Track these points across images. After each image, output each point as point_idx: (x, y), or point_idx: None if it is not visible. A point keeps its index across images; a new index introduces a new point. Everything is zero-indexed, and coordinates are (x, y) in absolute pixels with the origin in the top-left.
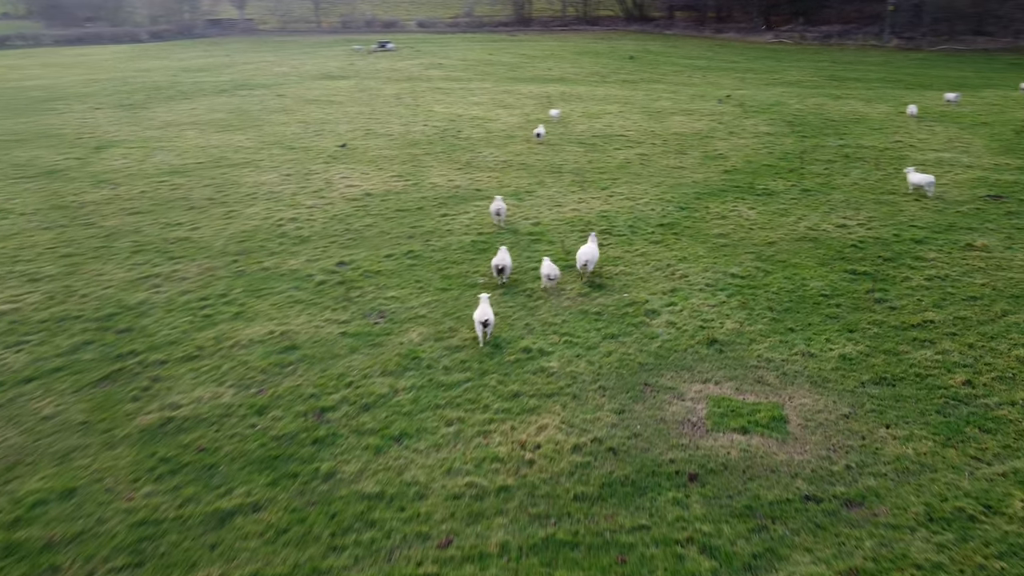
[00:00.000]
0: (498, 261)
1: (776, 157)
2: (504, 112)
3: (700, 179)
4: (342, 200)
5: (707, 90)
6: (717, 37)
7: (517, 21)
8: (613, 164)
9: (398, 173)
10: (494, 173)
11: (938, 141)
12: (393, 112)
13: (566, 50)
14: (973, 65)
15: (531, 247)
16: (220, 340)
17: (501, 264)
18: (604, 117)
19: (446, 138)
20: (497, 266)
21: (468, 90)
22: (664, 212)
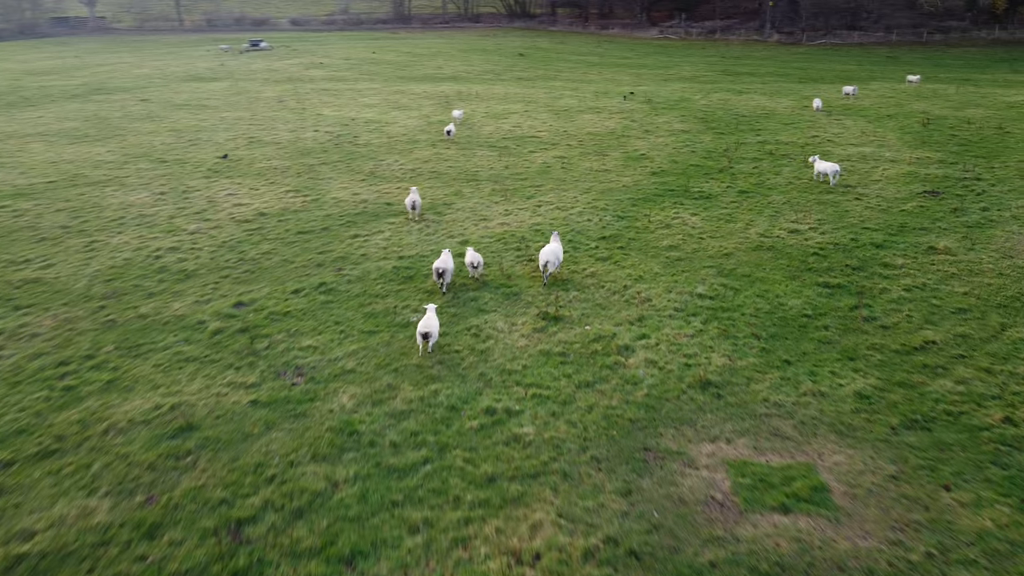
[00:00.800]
0: (439, 264)
1: (701, 156)
2: (401, 114)
3: (629, 183)
4: (231, 223)
5: (606, 87)
6: (602, 33)
7: (396, 18)
8: (532, 169)
9: (294, 187)
10: (403, 183)
11: (852, 135)
12: (277, 117)
13: (453, 47)
14: (853, 59)
15: (463, 270)
16: (88, 423)
17: (442, 267)
18: (510, 117)
19: (342, 145)
20: (438, 269)
21: (357, 91)
22: (602, 222)
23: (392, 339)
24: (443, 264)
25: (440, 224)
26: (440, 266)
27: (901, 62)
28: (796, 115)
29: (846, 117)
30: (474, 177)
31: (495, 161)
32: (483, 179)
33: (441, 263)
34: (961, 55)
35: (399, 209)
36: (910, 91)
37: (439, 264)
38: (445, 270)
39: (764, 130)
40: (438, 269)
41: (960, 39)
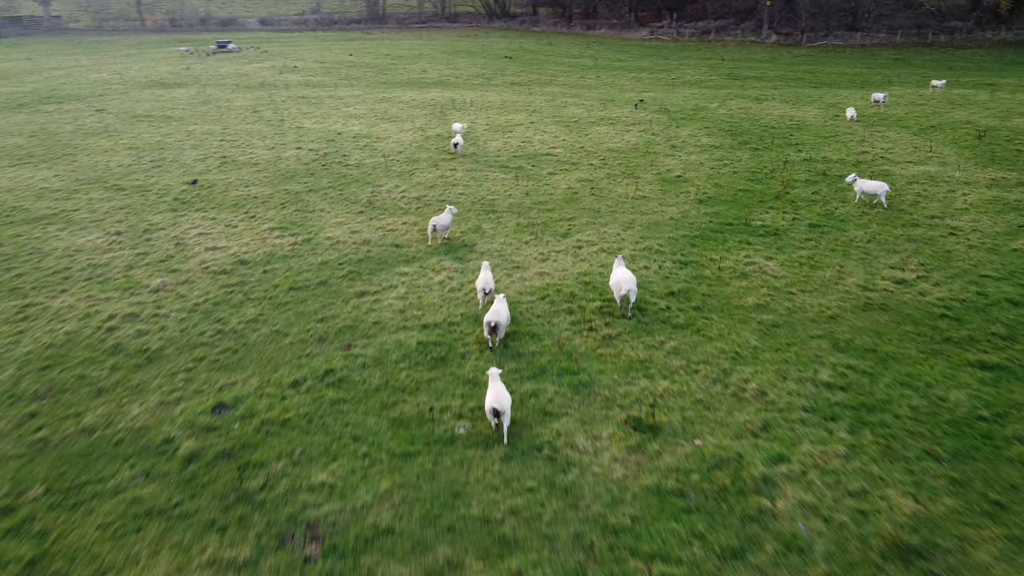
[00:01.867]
0: (490, 318)
1: (746, 179)
2: (392, 127)
3: (677, 214)
4: (205, 275)
5: (610, 92)
6: (589, 34)
7: (371, 18)
8: (557, 196)
9: (279, 223)
10: (410, 217)
11: (903, 150)
12: (253, 130)
13: (434, 49)
14: (859, 61)
15: (511, 346)
16: None
17: (494, 321)
18: (515, 130)
19: (331, 166)
20: (490, 323)
21: (339, 99)
22: (663, 271)
23: (436, 466)
24: (495, 316)
25: (464, 273)
26: (492, 319)
27: (910, 64)
28: (830, 126)
29: (887, 128)
30: (492, 207)
31: (512, 186)
32: (502, 209)
33: (494, 315)
34: (971, 57)
35: (411, 253)
36: (940, 97)
37: (491, 317)
38: (498, 324)
39: (803, 145)
40: (490, 323)
41: (965, 40)
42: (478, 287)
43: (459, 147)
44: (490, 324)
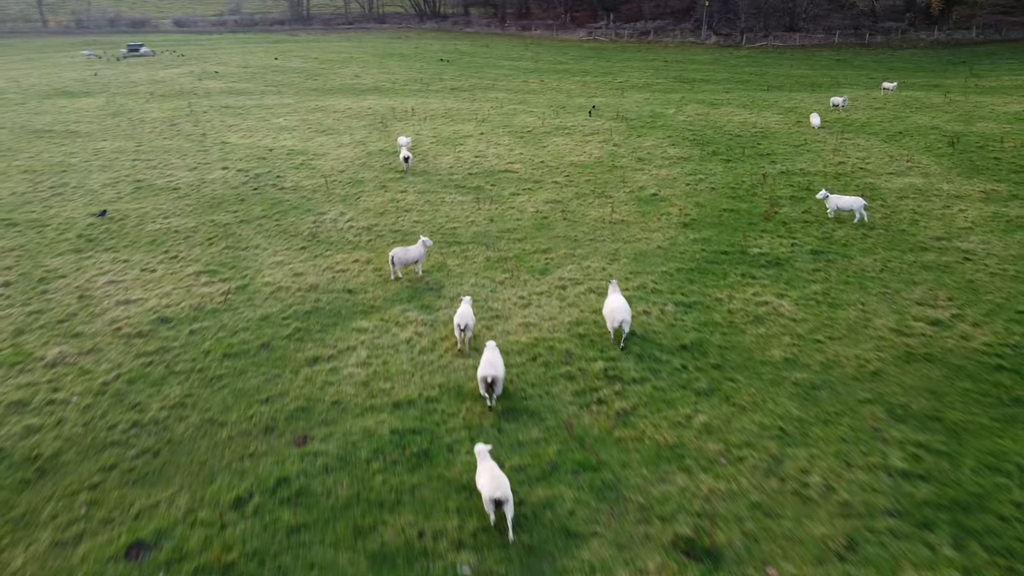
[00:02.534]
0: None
1: (726, 195)
2: (329, 141)
3: (663, 242)
4: (116, 340)
5: (557, 98)
6: (525, 35)
7: (294, 18)
8: (526, 222)
9: (206, 265)
10: (361, 252)
11: (880, 160)
12: (171, 147)
13: (365, 52)
14: (801, 62)
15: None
16: None
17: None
18: (466, 142)
19: (264, 189)
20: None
21: (267, 108)
22: (667, 317)
23: None
24: (492, 370)
25: (434, 327)
26: (489, 373)
27: (851, 65)
28: (797, 134)
29: (855, 135)
30: (454, 237)
31: (472, 210)
32: (467, 239)
33: (489, 368)
34: (908, 57)
35: (368, 301)
36: (895, 100)
37: (487, 371)
38: (496, 378)
39: (775, 155)
40: (487, 378)
41: (901, 41)
42: (456, 323)
43: (410, 161)
44: (487, 380)
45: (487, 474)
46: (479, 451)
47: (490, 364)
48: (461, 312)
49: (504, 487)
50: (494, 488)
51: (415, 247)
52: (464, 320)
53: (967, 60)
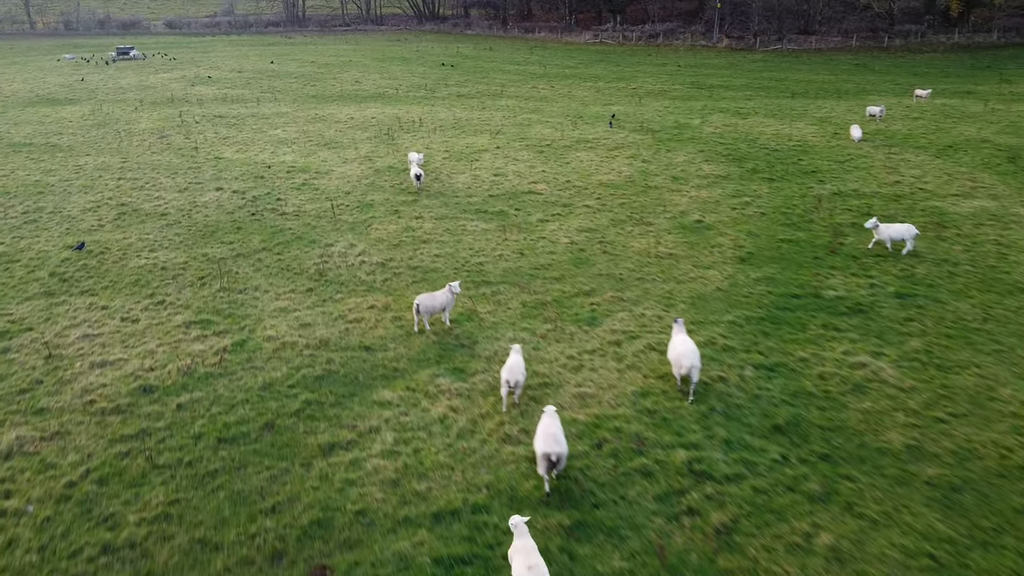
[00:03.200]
0: (550, 447)
1: (780, 223)
2: (333, 156)
3: (721, 281)
4: (87, 418)
5: (571, 105)
6: (528, 38)
7: (289, 20)
8: (560, 255)
9: (197, 313)
10: (377, 296)
11: (937, 179)
12: (160, 164)
13: (363, 55)
14: (820, 67)
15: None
16: None
17: (555, 453)
18: (481, 158)
19: (262, 215)
20: (550, 457)
21: (263, 118)
22: (749, 385)
23: None
24: (556, 446)
25: (471, 398)
26: (554, 450)
27: (872, 71)
28: (838, 148)
29: (901, 149)
30: (481, 275)
31: (498, 241)
32: (496, 279)
33: (552, 443)
34: (930, 62)
35: (389, 361)
36: (932, 109)
37: (550, 447)
38: (561, 455)
39: (822, 173)
40: (551, 456)
41: (921, 44)
42: (504, 379)
43: (422, 179)
44: (550, 458)
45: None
46: (515, 524)
47: (553, 439)
48: (510, 365)
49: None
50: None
51: (442, 293)
52: (514, 376)
53: (992, 64)
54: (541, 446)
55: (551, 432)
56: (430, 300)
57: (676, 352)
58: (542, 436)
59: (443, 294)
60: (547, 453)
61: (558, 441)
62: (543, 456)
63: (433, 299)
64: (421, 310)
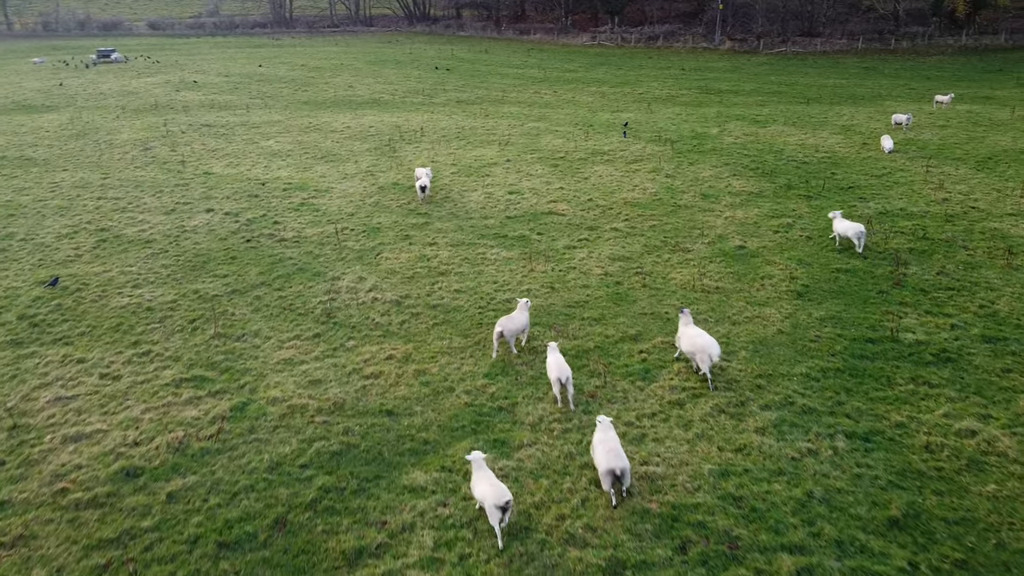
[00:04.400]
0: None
1: (829, 248)
2: (332, 171)
3: (783, 322)
4: (58, 518)
5: (578, 113)
6: (524, 39)
7: (277, 21)
8: (595, 289)
9: (188, 368)
10: (395, 342)
11: (987, 195)
12: (144, 180)
13: (355, 58)
14: (831, 71)
15: None
16: None
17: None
18: (492, 172)
19: (259, 241)
20: (615, 472)
21: (254, 128)
22: (845, 463)
23: None
24: (618, 460)
25: (519, 480)
26: (617, 465)
27: (882, 74)
28: (870, 160)
29: (939, 162)
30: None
31: (524, 271)
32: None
33: (615, 457)
34: (939, 64)
35: (416, 430)
36: (957, 116)
37: (613, 462)
38: (624, 469)
39: (861, 190)
40: (616, 471)
41: (928, 47)
42: (552, 378)
43: (427, 191)
44: (614, 472)
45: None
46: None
47: (615, 453)
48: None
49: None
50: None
51: (519, 314)
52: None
53: (1003, 68)
54: (604, 462)
55: (611, 447)
56: (511, 323)
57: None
58: (602, 451)
59: (520, 314)
60: (611, 469)
61: (619, 455)
62: (607, 472)
63: (512, 321)
64: (506, 335)
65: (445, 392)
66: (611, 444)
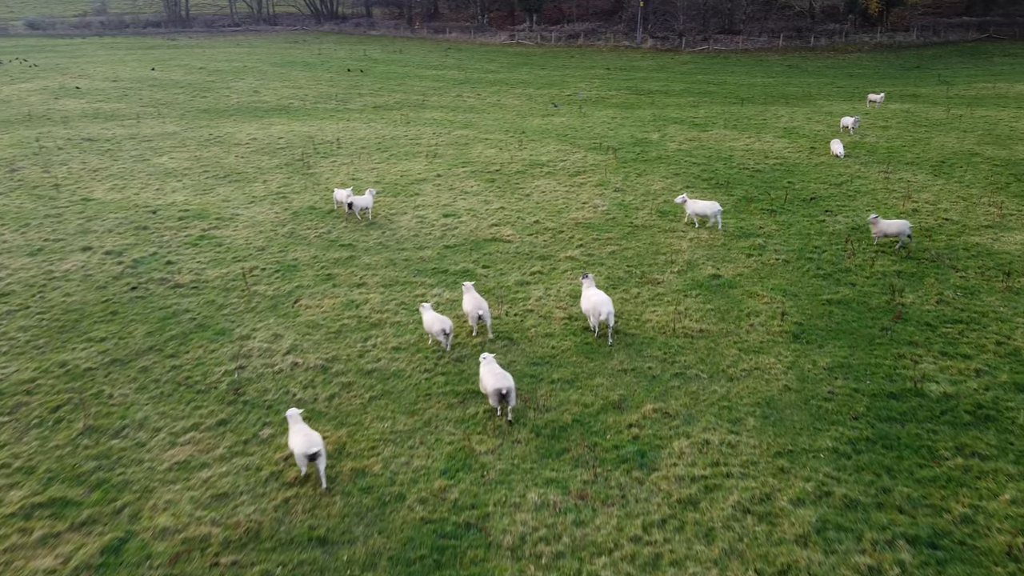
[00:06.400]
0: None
1: (813, 274)
2: (237, 193)
3: (787, 376)
4: None
5: (506, 117)
6: (439, 39)
7: (172, 20)
8: (561, 339)
9: (43, 485)
10: (327, 430)
11: (954, 205)
12: (5, 211)
13: (260, 60)
14: (756, 69)
15: None
16: None
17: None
18: (421, 190)
19: (146, 289)
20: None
21: (145, 141)
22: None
23: None
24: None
25: None
26: (503, 385)
27: (806, 71)
28: (825, 166)
29: (894, 167)
30: (464, 379)
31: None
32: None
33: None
34: (859, 62)
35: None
36: (894, 116)
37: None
38: (510, 389)
39: (827, 201)
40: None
41: (845, 44)
42: (470, 313)
43: (355, 208)
44: (501, 391)
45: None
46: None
47: (496, 374)
48: (470, 300)
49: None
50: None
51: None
52: (480, 307)
53: (920, 65)
54: (490, 381)
55: (494, 371)
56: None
57: (591, 302)
58: (488, 375)
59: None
60: (499, 388)
61: (506, 376)
62: (495, 391)
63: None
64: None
65: (393, 502)
66: (497, 369)
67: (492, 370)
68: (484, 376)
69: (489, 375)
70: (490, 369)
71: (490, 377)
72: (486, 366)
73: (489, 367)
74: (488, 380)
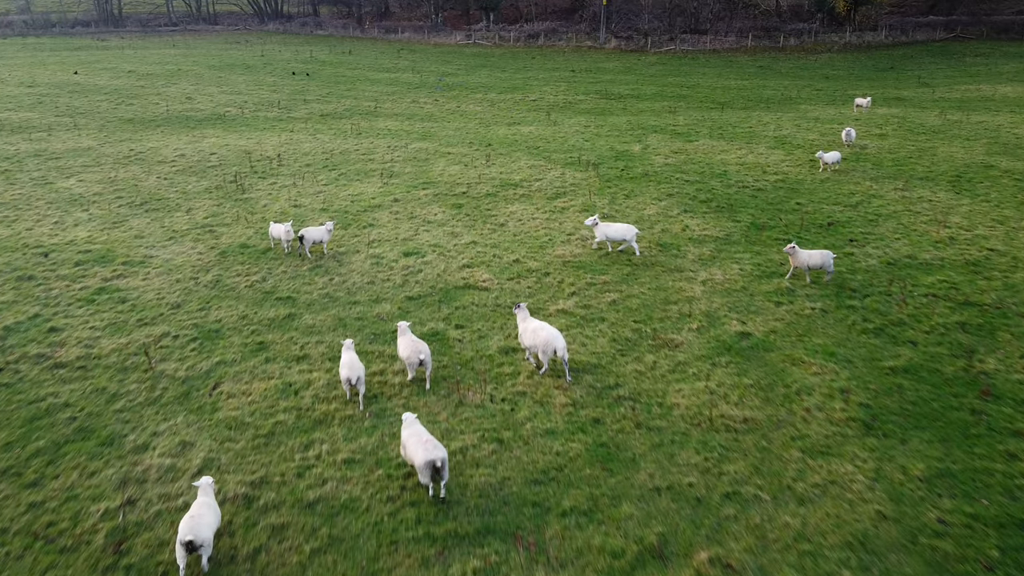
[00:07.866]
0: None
1: (858, 329)
2: (154, 227)
3: (871, 492)
4: None
5: (468, 126)
6: (391, 39)
7: (103, 19)
8: (566, 441)
9: None
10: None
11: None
12: None
13: (196, 62)
14: (727, 70)
15: None
16: None
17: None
18: (377, 219)
19: (18, 369)
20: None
21: (52, 158)
22: None
23: None
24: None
25: None
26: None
27: (779, 73)
28: (832, 183)
29: (907, 183)
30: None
31: (448, 413)
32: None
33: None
34: (829, 62)
35: None
36: (887, 122)
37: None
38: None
39: (848, 227)
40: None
41: (815, 44)
42: (406, 357)
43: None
44: (435, 464)
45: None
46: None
47: (432, 443)
48: (408, 344)
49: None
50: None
51: None
52: (421, 351)
53: (894, 66)
54: (422, 454)
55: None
56: None
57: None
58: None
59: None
60: (432, 460)
61: (437, 445)
62: (427, 464)
63: None
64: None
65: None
66: (424, 434)
67: (418, 434)
68: (408, 442)
69: (415, 442)
70: (414, 432)
71: (418, 447)
72: (409, 428)
73: (413, 429)
74: (416, 450)
